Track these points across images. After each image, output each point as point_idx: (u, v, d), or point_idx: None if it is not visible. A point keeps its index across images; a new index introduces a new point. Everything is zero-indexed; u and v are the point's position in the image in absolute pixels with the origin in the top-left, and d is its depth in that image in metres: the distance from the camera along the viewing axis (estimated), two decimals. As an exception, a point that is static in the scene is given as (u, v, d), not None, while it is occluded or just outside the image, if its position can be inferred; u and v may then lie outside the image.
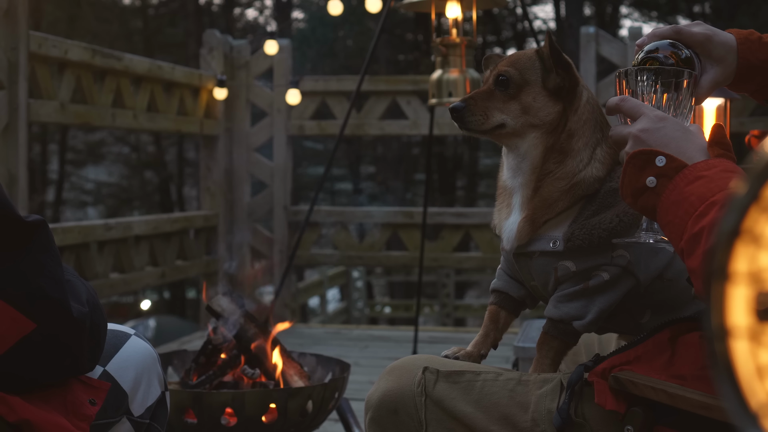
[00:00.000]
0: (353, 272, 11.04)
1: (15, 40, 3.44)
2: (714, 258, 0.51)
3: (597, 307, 1.42)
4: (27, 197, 3.56)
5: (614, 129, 1.29)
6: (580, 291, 1.42)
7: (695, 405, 1.18)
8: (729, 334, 0.50)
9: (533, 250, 1.45)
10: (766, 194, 0.49)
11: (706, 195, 1.11)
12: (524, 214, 1.46)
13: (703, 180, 1.14)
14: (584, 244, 1.40)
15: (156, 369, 1.48)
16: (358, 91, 4.02)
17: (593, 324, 1.44)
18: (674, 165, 1.18)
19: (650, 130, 1.22)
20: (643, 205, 1.20)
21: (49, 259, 1.23)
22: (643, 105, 1.26)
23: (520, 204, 1.47)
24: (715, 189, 1.12)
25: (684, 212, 1.12)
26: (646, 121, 1.24)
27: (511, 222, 1.47)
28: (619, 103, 1.28)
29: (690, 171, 1.16)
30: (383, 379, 1.43)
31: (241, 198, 5.34)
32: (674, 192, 1.15)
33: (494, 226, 1.55)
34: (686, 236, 1.11)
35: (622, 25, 15.52)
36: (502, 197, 1.52)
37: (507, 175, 1.50)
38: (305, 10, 16.04)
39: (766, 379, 0.49)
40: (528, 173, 1.45)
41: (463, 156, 15.44)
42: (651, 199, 1.18)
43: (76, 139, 14.83)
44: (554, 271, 1.44)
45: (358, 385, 3.47)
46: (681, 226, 1.12)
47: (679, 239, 1.13)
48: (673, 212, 1.14)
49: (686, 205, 1.13)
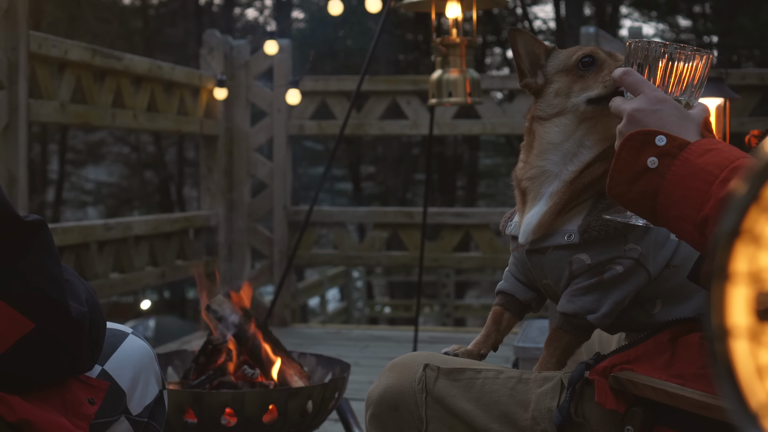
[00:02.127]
0: (353, 272, 11.04)
1: (15, 40, 3.44)
2: (714, 258, 0.51)
3: (611, 300, 1.42)
4: (27, 197, 3.56)
5: (614, 101, 1.25)
6: (594, 284, 1.42)
7: (695, 405, 1.18)
8: (729, 334, 0.49)
9: (547, 246, 1.45)
10: (766, 194, 0.49)
11: (724, 163, 1.07)
12: (553, 201, 1.44)
13: (715, 151, 1.10)
14: (600, 235, 1.40)
15: (154, 367, 1.48)
16: (358, 91, 4.02)
17: (607, 317, 1.43)
18: (677, 143, 1.13)
19: (646, 111, 1.18)
20: (642, 189, 1.14)
21: (49, 259, 1.23)
22: (646, 83, 1.22)
23: (551, 193, 1.44)
24: (731, 157, 1.08)
25: (702, 181, 1.07)
26: (643, 100, 1.19)
27: (532, 214, 1.46)
28: (622, 75, 1.23)
29: (698, 145, 1.12)
30: (384, 376, 1.43)
31: (241, 198, 5.34)
32: (685, 166, 1.10)
33: (504, 225, 1.55)
34: (712, 203, 1.05)
35: (622, 25, 15.52)
36: (532, 188, 1.47)
37: (554, 159, 1.45)
38: (305, 10, 16.04)
39: (766, 379, 0.49)
40: (582, 163, 1.43)
41: (463, 156, 15.44)
42: (653, 180, 1.13)
43: (76, 139, 14.83)
44: (569, 265, 1.43)
45: (358, 385, 3.47)
46: (700, 197, 1.07)
47: (699, 210, 1.07)
48: (687, 185, 1.09)
49: (704, 174, 1.07)
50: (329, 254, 5.77)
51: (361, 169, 15.59)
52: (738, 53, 13.73)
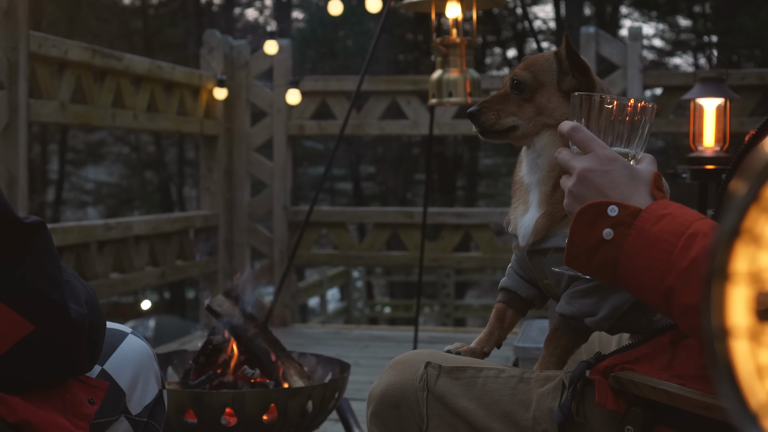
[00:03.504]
0: (353, 272, 11.05)
1: (15, 40, 3.44)
2: (714, 258, 0.51)
3: (610, 304, 1.42)
4: (27, 197, 3.56)
5: (562, 154, 1.24)
6: (593, 288, 1.42)
7: (695, 405, 1.18)
8: (729, 334, 0.49)
9: (548, 247, 1.45)
10: (766, 194, 0.49)
11: (679, 230, 1.07)
12: (543, 210, 1.46)
13: (668, 218, 1.10)
14: None
15: (153, 367, 1.48)
16: (358, 91, 4.02)
17: (605, 321, 1.43)
18: (629, 211, 1.12)
19: (597, 171, 1.17)
20: (601, 261, 1.13)
21: (49, 260, 1.23)
22: (596, 140, 1.20)
23: (538, 201, 1.47)
24: (685, 222, 1.08)
25: (661, 251, 1.07)
26: (594, 160, 1.18)
27: (528, 218, 1.47)
28: (570, 131, 1.22)
29: (649, 212, 1.11)
30: (386, 374, 1.43)
31: (241, 198, 5.34)
32: (641, 236, 1.10)
33: (507, 223, 1.55)
34: (674, 274, 1.06)
35: (622, 25, 15.52)
36: (519, 194, 1.52)
37: (525, 171, 1.51)
38: (305, 10, 16.04)
39: (766, 379, 0.49)
40: (546, 170, 1.46)
41: (463, 156, 15.44)
42: (610, 251, 1.12)
43: (76, 139, 14.83)
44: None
45: (358, 385, 3.47)
46: (661, 267, 1.07)
47: (662, 280, 1.07)
48: (646, 256, 1.09)
49: (661, 243, 1.08)
50: (329, 254, 5.77)
51: (361, 169, 15.59)
52: (738, 53, 13.73)
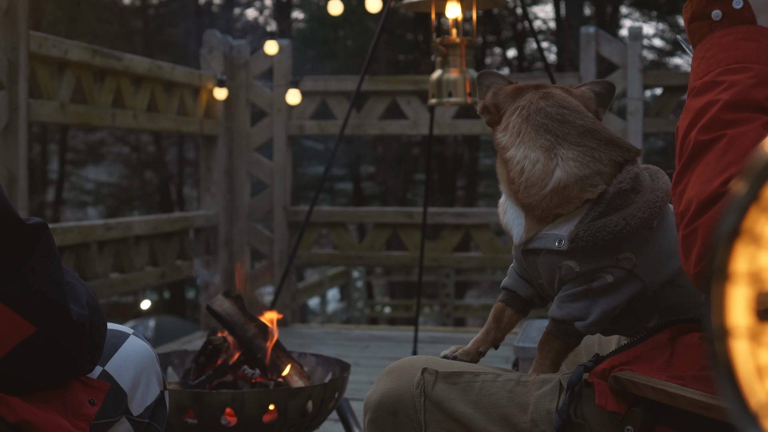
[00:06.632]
0: (353, 272, 11.05)
1: (15, 40, 3.44)
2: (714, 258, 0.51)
3: (600, 309, 1.41)
4: (27, 197, 3.56)
5: None
6: (583, 292, 1.41)
7: (695, 405, 1.18)
8: (729, 334, 0.50)
9: (539, 248, 1.45)
10: (766, 194, 0.49)
11: (750, 56, 1.17)
12: (526, 217, 1.46)
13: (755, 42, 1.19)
14: (588, 245, 1.38)
15: (155, 368, 1.48)
16: (358, 91, 4.02)
17: (595, 325, 1.43)
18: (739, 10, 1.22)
19: None
20: (694, 29, 1.24)
21: (50, 262, 1.23)
22: None
23: (519, 208, 1.49)
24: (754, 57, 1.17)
25: (726, 58, 1.17)
26: None
27: (517, 216, 1.48)
28: None
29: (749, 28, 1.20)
30: (382, 380, 1.43)
31: (241, 198, 5.34)
32: (728, 36, 1.19)
33: (504, 222, 1.55)
34: (711, 76, 1.17)
35: (622, 25, 15.50)
36: (509, 196, 1.52)
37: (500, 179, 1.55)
38: (305, 10, 16.03)
39: (766, 379, 0.49)
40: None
41: (463, 156, 15.43)
42: (704, 28, 1.22)
43: (76, 139, 14.82)
44: (558, 270, 1.43)
45: (358, 385, 3.47)
46: (711, 67, 1.18)
47: (703, 75, 1.18)
48: (715, 52, 1.19)
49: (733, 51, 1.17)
50: (329, 254, 5.77)
51: (361, 169, 15.58)
52: (738, 53, 13.69)
